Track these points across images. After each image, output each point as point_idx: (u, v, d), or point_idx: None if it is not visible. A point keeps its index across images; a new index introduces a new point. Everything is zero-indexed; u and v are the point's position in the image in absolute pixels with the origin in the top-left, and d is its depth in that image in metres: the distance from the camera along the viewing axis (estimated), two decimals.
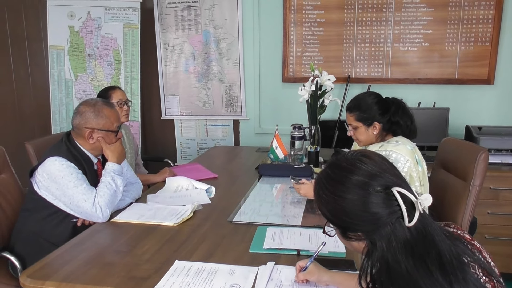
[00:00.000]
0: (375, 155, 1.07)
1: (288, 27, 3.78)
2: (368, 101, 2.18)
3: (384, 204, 0.98)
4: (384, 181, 1.00)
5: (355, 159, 1.05)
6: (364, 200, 0.99)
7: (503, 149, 3.12)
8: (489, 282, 1.00)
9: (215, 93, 4.05)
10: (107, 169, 2.10)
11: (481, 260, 1.04)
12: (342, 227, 1.06)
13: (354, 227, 1.02)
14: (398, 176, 1.04)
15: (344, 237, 1.07)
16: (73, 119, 2.13)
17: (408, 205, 0.97)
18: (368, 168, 1.02)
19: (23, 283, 1.45)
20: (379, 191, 0.99)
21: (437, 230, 0.99)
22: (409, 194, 0.98)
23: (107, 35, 3.86)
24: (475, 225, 2.22)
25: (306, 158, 2.97)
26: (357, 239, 1.03)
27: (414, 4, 3.57)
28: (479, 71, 3.56)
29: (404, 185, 1.01)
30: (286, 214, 2.06)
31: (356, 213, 1.00)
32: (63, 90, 3.92)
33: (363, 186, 1.00)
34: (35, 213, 2.06)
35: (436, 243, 0.96)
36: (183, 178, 2.52)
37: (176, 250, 1.65)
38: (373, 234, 0.98)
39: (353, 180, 1.01)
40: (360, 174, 1.01)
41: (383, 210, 0.98)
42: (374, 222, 0.98)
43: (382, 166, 1.04)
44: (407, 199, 0.98)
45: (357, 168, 1.02)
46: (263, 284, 1.39)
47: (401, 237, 0.96)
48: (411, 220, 0.96)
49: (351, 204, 1.00)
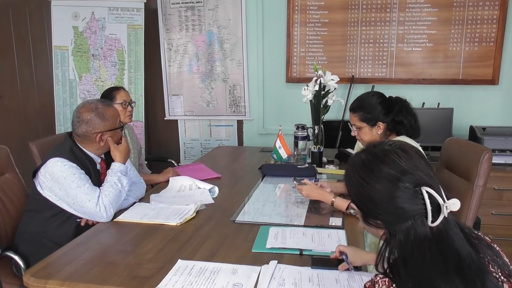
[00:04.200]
0: (412, 150, 1.07)
1: (292, 28, 3.78)
2: (372, 101, 2.17)
3: (410, 201, 0.99)
4: (414, 179, 1.00)
5: (391, 151, 1.05)
6: (391, 193, 1.00)
7: (507, 150, 3.11)
8: (507, 282, 1.00)
9: (219, 94, 4.06)
10: (113, 169, 2.11)
11: (504, 260, 1.05)
12: (365, 212, 1.08)
13: (376, 215, 1.04)
14: (430, 176, 1.03)
15: (365, 221, 1.10)
16: (77, 128, 2.10)
17: (434, 206, 0.98)
18: (402, 163, 1.02)
19: (26, 282, 1.45)
20: (408, 187, 0.99)
21: (459, 235, 0.99)
22: (437, 196, 0.98)
23: (111, 36, 3.87)
24: (479, 225, 2.22)
25: (309, 158, 2.97)
26: (377, 226, 1.06)
27: (418, 4, 3.57)
28: (483, 71, 3.55)
29: (435, 185, 1.01)
30: (289, 214, 2.06)
31: (380, 203, 1.02)
32: (67, 90, 3.94)
33: (393, 179, 1.01)
34: (38, 214, 2.07)
35: (456, 247, 0.97)
36: (187, 178, 2.52)
37: (179, 250, 1.66)
38: (393, 226, 1.00)
39: (384, 171, 1.02)
40: (392, 167, 1.02)
41: (408, 206, 0.99)
42: (397, 215, 1.00)
43: (417, 163, 1.03)
44: (434, 200, 0.98)
45: (391, 160, 1.03)
46: (266, 283, 1.38)
47: (421, 234, 0.97)
48: (434, 221, 0.97)
49: (377, 194, 1.02)
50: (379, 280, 0.99)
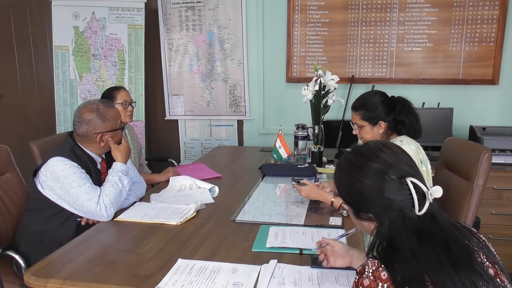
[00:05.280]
0: (395, 147, 1.18)
1: (292, 27, 3.79)
2: (374, 100, 2.17)
3: (397, 192, 1.08)
4: (400, 171, 1.10)
5: (376, 148, 1.15)
6: (380, 186, 1.09)
7: (507, 150, 3.11)
8: (492, 268, 1.06)
9: (219, 93, 4.06)
10: (114, 168, 2.11)
11: (488, 248, 1.10)
12: (356, 208, 1.17)
13: (367, 209, 1.13)
14: (414, 167, 1.13)
15: (356, 217, 1.18)
16: (78, 128, 2.10)
17: (420, 195, 1.07)
18: (387, 158, 1.12)
19: (27, 281, 1.46)
20: (394, 179, 1.09)
21: (445, 220, 1.08)
22: (421, 184, 1.07)
23: (111, 35, 3.88)
24: (479, 225, 2.21)
25: (309, 158, 2.98)
26: (368, 219, 1.14)
27: (418, 4, 3.57)
28: (483, 71, 3.55)
29: (418, 176, 1.10)
30: (289, 214, 2.07)
31: (370, 196, 1.10)
32: (67, 90, 3.94)
33: (380, 173, 1.10)
34: (39, 213, 2.07)
35: (444, 231, 1.05)
36: (187, 177, 2.53)
37: (179, 249, 1.66)
38: (383, 217, 1.09)
39: (371, 166, 1.11)
40: (379, 162, 1.11)
41: (396, 197, 1.08)
42: (386, 206, 1.08)
43: (400, 157, 1.14)
44: (419, 189, 1.07)
45: (377, 156, 1.13)
46: (266, 282, 1.39)
47: (410, 222, 1.05)
48: (421, 209, 1.05)
49: (367, 188, 1.11)
50: (369, 263, 1.03)
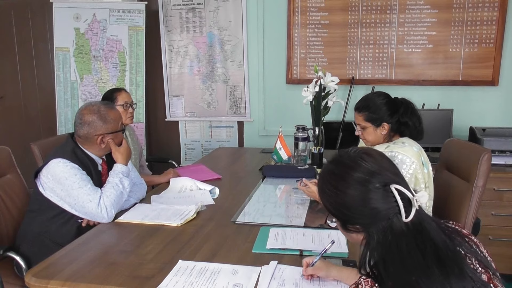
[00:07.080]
0: (376, 153, 1.13)
1: (292, 29, 3.79)
2: (377, 102, 2.17)
3: (382, 200, 1.03)
4: (383, 179, 1.05)
5: (357, 156, 1.10)
6: (364, 195, 1.05)
7: (507, 151, 3.11)
8: (485, 273, 1.03)
9: (220, 95, 4.07)
10: (115, 170, 2.12)
11: (478, 253, 1.07)
12: (343, 220, 1.12)
13: (353, 220, 1.08)
14: (397, 174, 1.10)
15: (344, 229, 1.13)
16: (79, 129, 2.11)
17: (406, 201, 1.03)
18: (369, 166, 1.07)
19: (28, 282, 1.46)
20: (378, 188, 1.04)
21: (433, 225, 1.04)
22: (406, 191, 1.04)
23: (112, 37, 3.88)
24: (479, 226, 2.21)
25: (309, 159, 2.98)
26: (356, 231, 1.09)
27: (418, 6, 3.57)
28: (483, 72, 3.55)
29: (402, 182, 1.07)
30: (289, 215, 2.07)
31: (356, 207, 1.06)
32: (68, 91, 3.95)
33: (364, 182, 1.05)
34: (40, 214, 2.08)
35: (432, 237, 1.01)
36: (187, 179, 2.53)
37: (180, 250, 1.67)
38: (371, 227, 1.04)
39: (354, 176, 1.06)
40: (361, 171, 1.06)
41: (382, 206, 1.03)
42: (372, 216, 1.04)
43: (382, 164, 1.09)
44: (404, 196, 1.03)
45: (359, 165, 1.08)
46: (266, 283, 1.39)
47: (397, 231, 1.01)
48: (408, 216, 1.01)
49: (351, 199, 1.06)
50: (362, 281, 1.01)
